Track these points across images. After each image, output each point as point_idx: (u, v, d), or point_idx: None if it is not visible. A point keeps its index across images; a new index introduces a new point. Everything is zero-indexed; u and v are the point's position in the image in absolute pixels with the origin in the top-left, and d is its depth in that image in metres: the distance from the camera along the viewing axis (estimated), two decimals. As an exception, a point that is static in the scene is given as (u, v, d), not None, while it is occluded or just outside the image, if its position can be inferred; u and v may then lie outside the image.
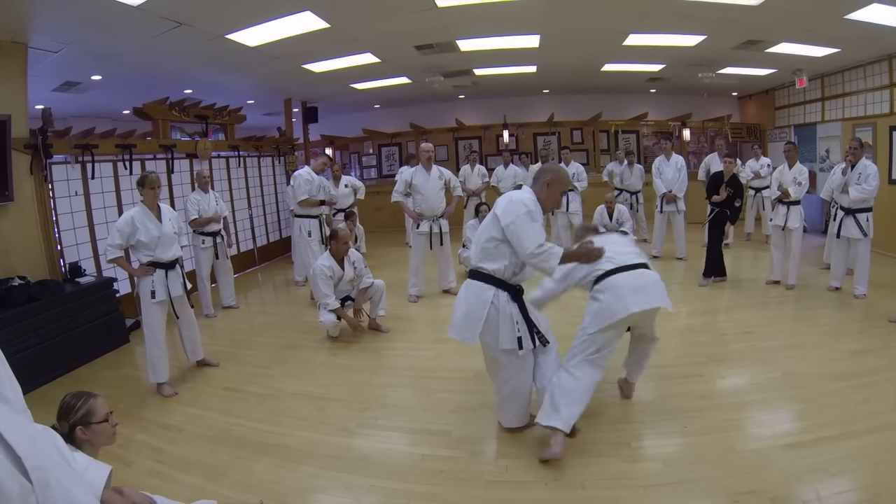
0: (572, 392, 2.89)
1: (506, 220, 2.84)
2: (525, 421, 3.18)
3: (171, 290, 4.06)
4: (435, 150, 6.36)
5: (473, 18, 5.76)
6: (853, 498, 2.42)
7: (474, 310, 2.94)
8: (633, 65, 8.58)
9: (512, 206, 2.87)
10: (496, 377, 3.13)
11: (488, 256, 2.94)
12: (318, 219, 6.49)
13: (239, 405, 3.77)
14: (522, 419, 3.17)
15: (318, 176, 6.47)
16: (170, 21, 4.84)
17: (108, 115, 9.59)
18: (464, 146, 12.16)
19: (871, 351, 4.11)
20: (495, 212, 2.92)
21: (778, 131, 10.66)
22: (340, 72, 7.80)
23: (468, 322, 2.96)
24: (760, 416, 3.23)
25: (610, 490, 2.59)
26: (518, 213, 2.83)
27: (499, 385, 3.13)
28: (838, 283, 5.71)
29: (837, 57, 7.50)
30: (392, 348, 4.80)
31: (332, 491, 2.75)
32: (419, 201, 5.93)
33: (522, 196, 2.92)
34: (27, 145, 4.91)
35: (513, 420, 3.17)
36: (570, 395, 2.89)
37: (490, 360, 3.11)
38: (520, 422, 3.18)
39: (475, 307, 2.94)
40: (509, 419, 3.18)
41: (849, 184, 5.37)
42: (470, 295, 2.99)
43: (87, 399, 2.05)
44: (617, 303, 2.92)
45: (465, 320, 2.97)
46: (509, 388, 3.09)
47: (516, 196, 2.94)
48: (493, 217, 2.94)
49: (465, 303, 3.00)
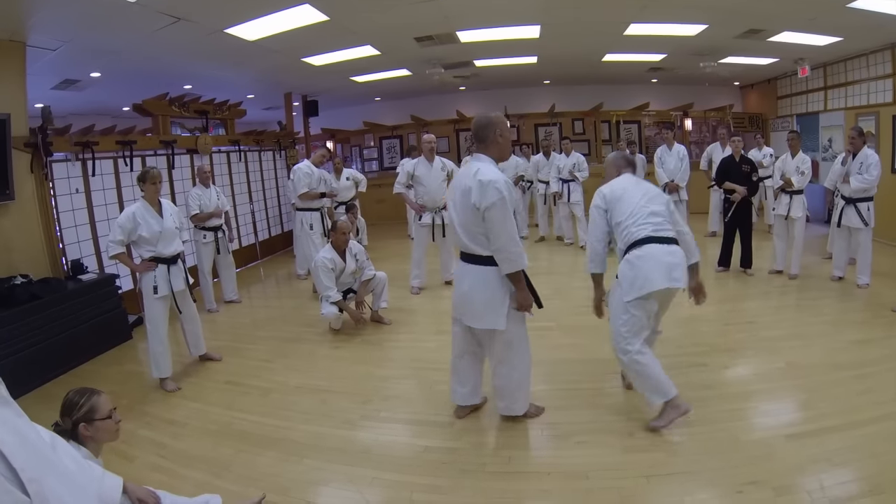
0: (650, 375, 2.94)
1: (483, 206, 2.74)
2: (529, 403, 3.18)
3: (173, 285, 4.07)
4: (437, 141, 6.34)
5: (473, 9, 5.72)
6: (856, 488, 2.41)
7: (496, 292, 2.89)
8: (635, 55, 8.51)
9: (485, 190, 2.74)
10: (505, 364, 3.04)
11: (481, 244, 2.88)
12: (319, 211, 6.49)
13: (242, 399, 3.78)
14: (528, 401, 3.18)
15: (317, 168, 6.46)
16: (168, 16, 4.82)
17: (107, 112, 9.58)
18: (465, 138, 12.12)
19: (873, 341, 4.10)
20: (471, 199, 2.78)
21: (780, 121, 10.60)
22: (340, 65, 7.77)
23: (493, 307, 2.90)
24: (764, 406, 3.22)
25: (614, 480, 2.60)
26: (493, 198, 2.73)
27: (508, 371, 3.04)
28: (841, 272, 5.69)
29: (840, 46, 7.44)
30: (394, 340, 4.80)
31: (335, 483, 2.76)
32: (421, 193, 5.91)
33: (492, 177, 2.78)
34: (27, 144, 4.90)
35: (523, 405, 3.15)
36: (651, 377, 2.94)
37: (502, 346, 3.01)
38: (527, 405, 3.17)
39: (496, 289, 2.89)
40: (520, 406, 3.13)
41: (850, 173, 5.34)
42: (485, 279, 2.90)
43: (90, 396, 2.06)
44: (653, 272, 2.89)
45: (488, 306, 2.91)
46: (520, 372, 3.06)
47: (486, 176, 2.77)
48: (469, 204, 2.80)
49: (483, 289, 2.91)
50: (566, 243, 8.40)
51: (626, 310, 2.95)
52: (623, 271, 3.00)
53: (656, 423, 2.99)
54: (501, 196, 2.74)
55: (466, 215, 2.87)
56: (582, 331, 4.60)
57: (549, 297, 3.27)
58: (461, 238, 2.95)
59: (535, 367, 3.75)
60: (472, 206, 2.79)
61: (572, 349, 4.24)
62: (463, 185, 2.87)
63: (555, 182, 8.18)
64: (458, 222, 2.96)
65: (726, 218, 6.21)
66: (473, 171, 2.85)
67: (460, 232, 2.95)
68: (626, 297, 2.94)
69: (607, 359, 4.03)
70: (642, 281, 2.90)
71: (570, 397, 3.45)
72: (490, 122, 2.94)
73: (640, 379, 2.98)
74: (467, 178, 2.87)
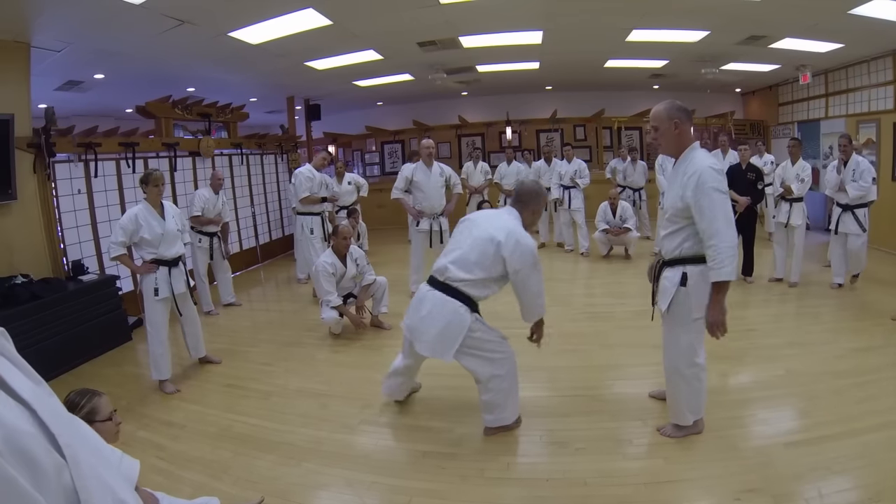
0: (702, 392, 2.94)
1: (515, 266, 2.87)
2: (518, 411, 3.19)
3: (174, 287, 4.07)
4: (437, 146, 6.34)
5: (476, 15, 5.74)
6: (855, 496, 2.41)
7: (453, 329, 2.92)
8: (637, 61, 8.55)
9: (521, 253, 2.87)
10: (491, 377, 3.01)
11: (475, 285, 2.93)
12: (320, 216, 6.50)
13: (241, 402, 3.78)
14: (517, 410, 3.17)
15: (318, 173, 6.47)
16: (172, 19, 4.84)
17: (110, 113, 9.60)
18: (467, 143, 12.16)
19: (873, 349, 4.10)
20: (500, 252, 2.86)
21: (781, 128, 10.61)
22: (343, 69, 7.79)
23: (447, 340, 2.93)
24: (763, 414, 3.22)
25: (612, 487, 2.59)
26: (527, 264, 2.88)
27: (498, 383, 3.02)
28: (840, 279, 5.69)
29: (841, 53, 7.45)
30: (394, 345, 4.76)
31: (334, 488, 2.76)
32: (420, 198, 5.89)
33: (529, 242, 2.92)
34: (30, 144, 4.92)
35: (514, 412, 3.13)
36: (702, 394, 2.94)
37: (482, 360, 3.01)
38: (516, 412, 3.16)
39: (454, 324, 2.92)
40: (509, 414, 3.11)
41: (844, 182, 5.35)
42: (446, 310, 2.94)
43: (91, 397, 2.06)
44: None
45: (443, 338, 2.94)
46: (508, 382, 3.06)
47: (523, 239, 2.90)
48: (493, 250, 2.88)
49: (441, 321, 2.94)
50: (566, 250, 8.40)
51: (697, 323, 2.79)
52: (698, 284, 2.73)
53: (672, 433, 2.97)
54: (534, 262, 2.91)
55: (478, 253, 2.93)
56: (581, 338, 4.61)
57: (549, 304, 3.25)
58: (447, 262, 2.99)
59: (534, 374, 3.77)
60: (500, 257, 2.88)
61: (572, 356, 4.24)
62: (492, 230, 2.94)
63: (556, 188, 8.18)
64: (457, 255, 2.98)
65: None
66: (509, 227, 2.94)
67: (455, 258, 2.98)
68: (696, 314, 2.76)
69: (606, 366, 4.05)
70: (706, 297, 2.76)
71: (569, 404, 3.45)
72: (539, 195, 3.13)
73: (692, 394, 2.89)
74: (502, 228, 2.93)
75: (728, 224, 2.57)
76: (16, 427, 0.87)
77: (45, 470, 0.89)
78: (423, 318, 3.00)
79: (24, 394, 0.95)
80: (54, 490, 0.90)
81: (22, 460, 0.85)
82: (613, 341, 4.55)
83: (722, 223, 2.56)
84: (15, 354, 1.05)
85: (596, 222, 7.83)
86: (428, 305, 2.99)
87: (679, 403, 2.94)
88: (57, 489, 0.91)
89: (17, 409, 0.92)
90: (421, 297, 3.06)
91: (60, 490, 0.92)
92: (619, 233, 7.59)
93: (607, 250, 7.85)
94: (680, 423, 2.97)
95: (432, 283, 3.04)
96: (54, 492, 0.90)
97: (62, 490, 0.92)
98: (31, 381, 1.03)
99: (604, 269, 7.22)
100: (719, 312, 2.66)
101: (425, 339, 3.00)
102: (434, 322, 2.96)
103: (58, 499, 0.91)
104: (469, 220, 3.18)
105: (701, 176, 2.59)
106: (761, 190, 6.12)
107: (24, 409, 0.93)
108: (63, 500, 0.92)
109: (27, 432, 0.89)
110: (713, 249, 2.57)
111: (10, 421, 0.87)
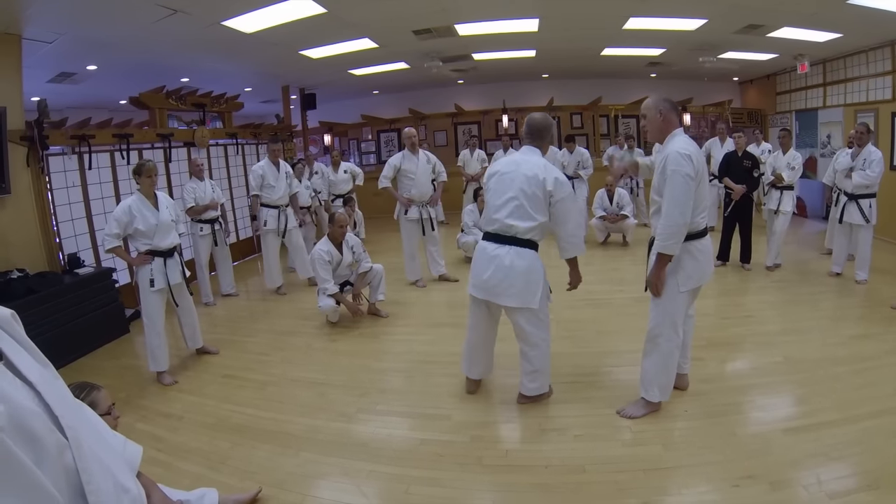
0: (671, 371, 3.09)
1: (558, 196, 3.02)
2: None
3: (169, 278, 4.05)
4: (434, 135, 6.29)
5: (472, 2, 5.69)
6: (853, 482, 2.42)
7: (537, 272, 3.06)
8: (634, 49, 8.49)
9: (562, 183, 3.04)
10: (539, 347, 3.15)
11: (538, 231, 3.07)
12: (278, 209, 6.19)
13: (238, 392, 3.78)
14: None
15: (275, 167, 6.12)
16: (165, 8, 4.77)
17: (104, 105, 9.50)
18: (463, 131, 12.10)
19: (871, 336, 4.10)
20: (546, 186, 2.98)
21: (779, 116, 10.58)
22: (338, 58, 7.72)
23: (532, 285, 3.04)
24: (761, 401, 3.23)
25: (610, 474, 2.60)
26: (567, 193, 3.05)
27: (541, 353, 3.17)
28: (839, 268, 5.69)
29: (839, 42, 7.42)
30: (391, 333, 4.80)
31: (331, 476, 2.76)
32: (409, 186, 5.87)
33: (563, 176, 3.12)
34: (23, 137, 4.87)
35: (548, 379, 3.29)
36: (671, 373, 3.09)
37: (535, 325, 3.12)
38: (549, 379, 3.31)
39: (537, 270, 3.06)
40: (547, 380, 3.29)
41: (854, 169, 5.35)
42: (527, 259, 3.04)
43: (90, 391, 2.05)
44: (708, 266, 3.01)
45: (528, 285, 3.03)
46: (545, 351, 3.19)
47: (556, 172, 3.07)
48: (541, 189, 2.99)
49: (525, 268, 3.03)
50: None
51: (681, 298, 2.94)
52: (684, 261, 2.89)
53: (631, 412, 3.08)
54: (571, 192, 3.13)
55: (530, 199, 3.01)
56: (579, 324, 4.61)
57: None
58: (506, 219, 3.04)
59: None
60: (546, 192, 3.00)
61: (570, 343, 4.25)
62: (530, 172, 3.02)
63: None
64: (513, 208, 3.03)
65: (725, 212, 6.22)
66: (541, 163, 3.07)
67: (510, 211, 3.03)
68: (682, 288, 2.91)
69: (604, 352, 4.05)
70: (700, 274, 2.95)
71: (567, 391, 3.45)
72: (551, 125, 3.24)
73: (662, 371, 3.01)
74: (536, 167, 3.04)
75: (676, 205, 2.73)
76: (20, 405, 0.89)
77: (47, 448, 0.91)
78: (508, 271, 3.04)
79: (30, 375, 0.97)
80: (55, 469, 0.92)
81: (24, 437, 0.87)
82: (611, 328, 4.55)
83: (670, 204, 2.75)
84: (24, 337, 1.07)
85: (593, 209, 7.83)
86: (508, 259, 3.04)
87: (650, 377, 3.05)
88: (58, 468, 0.93)
89: (24, 389, 0.94)
90: (491, 255, 3.09)
91: (62, 469, 0.94)
92: (616, 220, 7.58)
93: (605, 237, 7.84)
94: (647, 398, 3.06)
95: (498, 240, 3.09)
96: (55, 470, 0.92)
97: (63, 470, 0.94)
98: (39, 363, 1.05)
99: (601, 256, 7.21)
100: (656, 277, 2.91)
101: (512, 291, 3.04)
102: (518, 272, 3.03)
103: (58, 477, 0.92)
104: (499, 172, 3.18)
105: (667, 158, 2.78)
106: (757, 178, 6.13)
107: (30, 390, 0.95)
108: (64, 479, 0.94)
109: (31, 410, 0.91)
110: (660, 226, 2.81)
111: (16, 399, 0.88)
